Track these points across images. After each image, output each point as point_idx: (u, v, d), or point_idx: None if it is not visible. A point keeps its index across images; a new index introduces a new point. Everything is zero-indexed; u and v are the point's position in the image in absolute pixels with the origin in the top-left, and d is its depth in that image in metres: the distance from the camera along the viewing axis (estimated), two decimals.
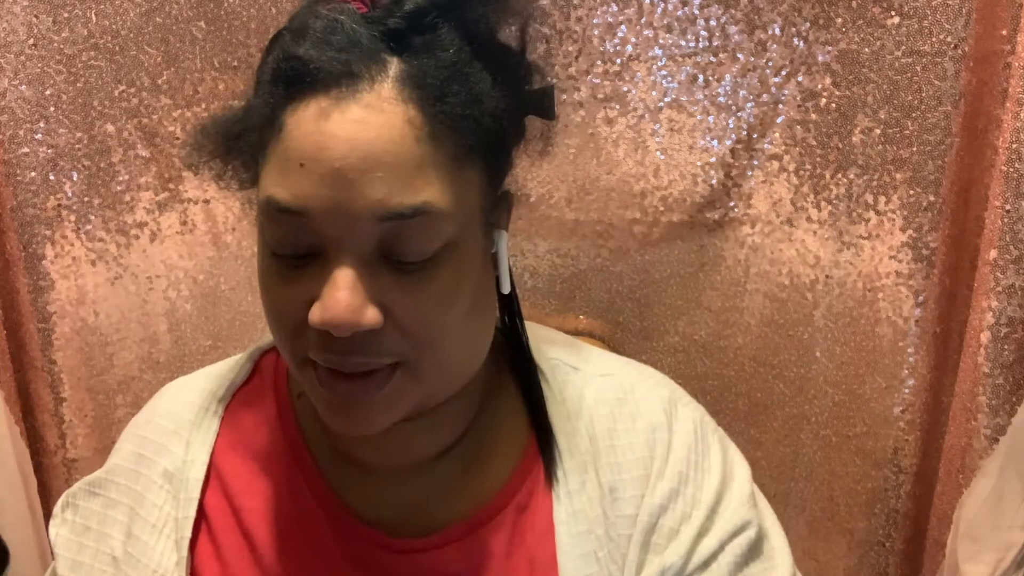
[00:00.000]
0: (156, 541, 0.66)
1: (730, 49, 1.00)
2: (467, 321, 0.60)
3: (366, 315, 0.55)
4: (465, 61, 0.56)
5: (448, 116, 0.55)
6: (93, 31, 1.01)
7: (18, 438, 1.03)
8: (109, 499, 0.69)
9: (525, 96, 0.63)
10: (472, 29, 0.57)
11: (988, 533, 0.94)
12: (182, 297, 1.08)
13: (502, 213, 0.63)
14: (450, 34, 0.56)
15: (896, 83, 0.98)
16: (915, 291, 1.01)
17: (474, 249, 0.59)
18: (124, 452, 0.71)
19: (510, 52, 0.61)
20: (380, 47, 0.55)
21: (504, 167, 0.62)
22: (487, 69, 0.57)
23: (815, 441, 1.07)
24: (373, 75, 0.54)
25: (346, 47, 0.54)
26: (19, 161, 1.01)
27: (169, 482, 0.68)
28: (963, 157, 0.98)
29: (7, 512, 1.00)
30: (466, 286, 0.59)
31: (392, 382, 0.58)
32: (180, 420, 0.70)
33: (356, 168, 0.53)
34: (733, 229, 1.05)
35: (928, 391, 1.03)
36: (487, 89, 0.57)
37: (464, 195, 0.57)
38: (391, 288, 0.56)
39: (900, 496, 1.05)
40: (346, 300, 0.54)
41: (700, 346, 1.07)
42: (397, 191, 0.53)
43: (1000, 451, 0.94)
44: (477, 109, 0.56)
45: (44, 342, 1.05)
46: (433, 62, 0.55)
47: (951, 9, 0.95)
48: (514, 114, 0.61)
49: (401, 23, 0.55)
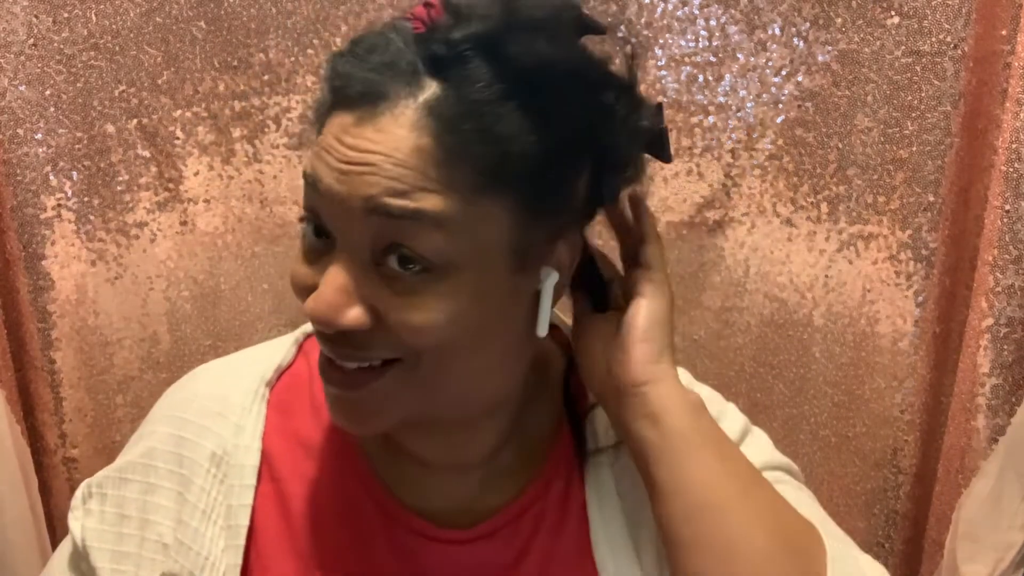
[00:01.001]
0: (206, 528, 0.65)
1: (730, 49, 1.00)
2: (476, 350, 0.60)
3: (348, 315, 0.56)
4: (493, 100, 0.54)
5: (463, 150, 0.54)
6: (93, 31, 1.00)
7: (19, 437, 1.03)
8: (149, 484, 0.67)
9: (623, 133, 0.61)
10: (513, 65, 0.54)
11: (987, 533, 0.94)
12: (182, 297, 1.08)
13: (559, 254, 0.61)
14: (480, 69, 0.54)
15: (896, 83, 0.98)
16: (915, 291, 1.01)
17: (491, 282, 0.58)
18: (160, 435, 0.69)
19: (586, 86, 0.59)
20: (419, 69, 0.55)
21: (559, 207, 0.59)
22: (524, 108, 0.55)
23: (814, 441, 1.07)
24: (400, 98, 0.54)
25: (380, 67, 0.55)
26: (19, 161, 1.01)
27: (217, 466, 0.67)
28: (963, 157, 0.98)
29: (7, 512, 1.00)
30: (471, 313, 0.57)
31: (383, 380, 0.59)
32: (228, 402, 0.68)
33: (356, 167, 0.55)
34: (733, 229, 1.05)
35: (927, 391, 1.03)
36: (517, 130, 0.55)
37: (476, 225, 0.56)
38: (383, 294, 0.56)
39: (899, 497, 1.05)
40: (330, 298, 0.56)
41: (700, 346, 1.07)
42: (391, 192, 0.54)
43: (999, 451, 0.94)
44: (499, 148, 0.55)
45: (44, 342, 1.05)
46: (456, 96, 0.54)
47: (951, 9, 0.95)
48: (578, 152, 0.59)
49: (442, 48, 0.55)
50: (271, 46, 1.02)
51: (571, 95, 0.57)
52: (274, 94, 1.03)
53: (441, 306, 0.56)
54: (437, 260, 0.55)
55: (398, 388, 0.59)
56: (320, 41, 1.02)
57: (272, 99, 1.03)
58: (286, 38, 1.01)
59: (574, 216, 0.61)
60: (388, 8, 1.01)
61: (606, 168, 0.61)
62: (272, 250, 1.07)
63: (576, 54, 0.59)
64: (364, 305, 0.56)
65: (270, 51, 1.02)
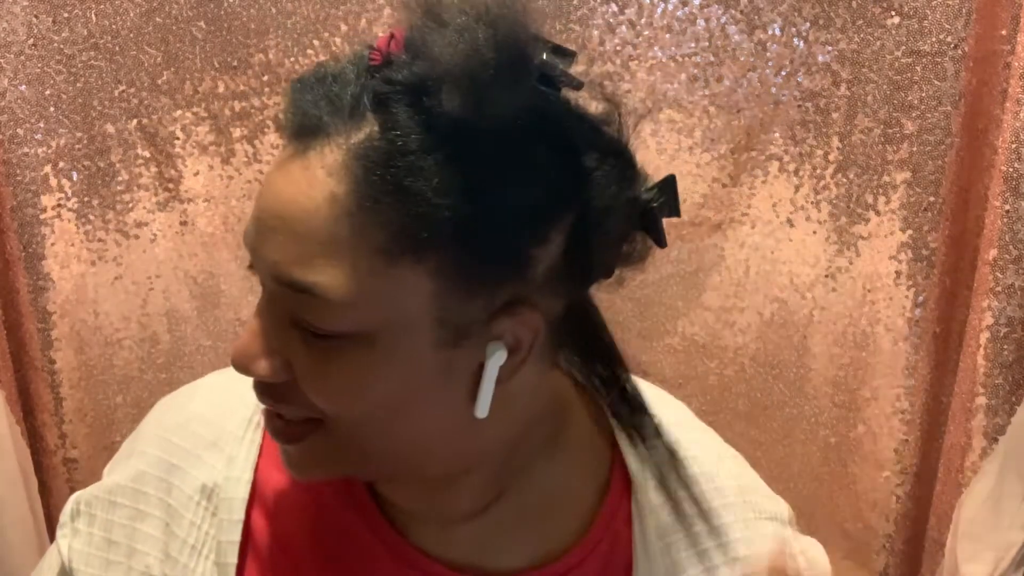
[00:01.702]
0: (196, 563, 0.62)
1: (730, 49, 1.00)
2: (399, 422, 0.55)
3: (259, 365, 0.54)
4: (413, 150, 0.49)
5: (376, 205, 0.50)
6: (93, 31, 1.00)
7: (19, 438, 1.03)
8: (138, 511, 0.64)
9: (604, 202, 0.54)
10: (440, 114, 0.49)
11: (987, 533, 0.94)
12: (182, 297, 1.08)
13: (511, 330, 0.54)
14: (406, 114, 0.50)
15: (896, 83, 0.98)
16: (915, 291, 1.01)
17: (412, 355, 0.53)
18: (150, 458, 0.65)
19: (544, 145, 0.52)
20: (362, 105, 0.51)
21: (503, 278, 0.53)
22: (451, 164, 0.50)
23: (814, 441, 1.07)
24: (334, 135, 0.51)
25: (323, 100, 0.51)
26: (19, 161, 1.01)
27: (207, 499, 0.63)
28: (963, 157, 0.98)
29: (7, 512, 1.00)
30: (387, 386, 0.53)
31: (308, 439, 0.56)
32: (221, 431, 0.65)
33: (268, 223, 0.52)
34: (733, 229, 1.05)
35: (928, 391, 1.03)
36: (437, 188, 0.49)
37: (388, 294, 0.51)
38: (297, 351, 0.53)
39: (900, 496, 1.05)
40: (243, 347, 0.54)
41: (700, 346, 1.07)
42: (292, 260, 0.51)
43: (999, 451, 0.94)
44: (415, 207, 0.49)
45: (44, 342, 1.05)
46: (381, 141, 0.50)
47: (951, 9, 0.95)
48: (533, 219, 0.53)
49: (383, 87, 0.50)
50: (271, 46, 1.02)
51: (517, 153, 0.51)
52: (274, 94, 1.03)
53: (353, 375, 0.53)
54: (342, 331, 0.52)
55: (325, 449, 0.57)
56: (320, 41, 1.02)
57: (272, 99, 1.03)
58: (286, 38, 1.01)
59: (535, 286, 0.54)
60: (387, 7, 1.01)
61: (586, 239, 0.54)
62: None
63: (529, 108, 0.51)
64: (278, 358, 0.54)
65: (270, 51, 1.02)
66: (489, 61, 0.49)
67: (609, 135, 0.55)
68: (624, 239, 0.57)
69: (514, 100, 0.50)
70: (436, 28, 0.50)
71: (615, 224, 0.55)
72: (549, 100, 0.53)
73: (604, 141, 0.55)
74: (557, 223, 0.53)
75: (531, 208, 0.52)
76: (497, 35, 0.50)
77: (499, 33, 0.50)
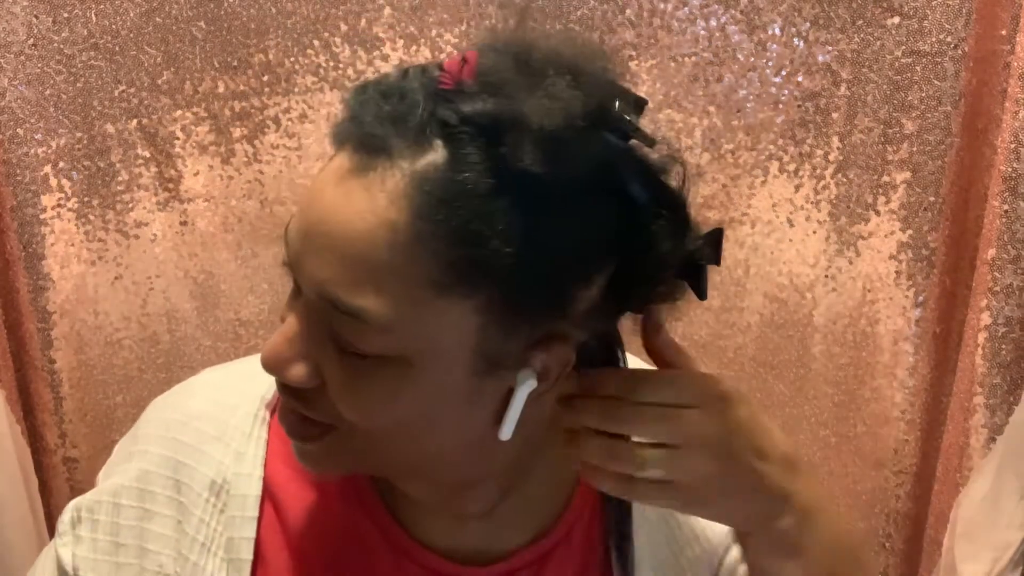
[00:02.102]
0: (206, 561, 0.63)
1: (730, 49, 1.00)
2: (420, 440, 0.56)
3: (291, 370, 0.54)
4: (480, 193, 0.49)
5: (432, 241, 0.50)
6: (93, 31, 1.00)
7: (19, 437, 1.03)
8: (145, 511, 0.64)
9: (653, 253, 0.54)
10: (510, 162, 0.49)
11: (985, 532, 0.95)
12: (182, 297, 1.08)
13: (543, 362, 0.54)
14: (476, 155, 0.49)
15: (896, 83, 0.98)
16: (915, 291, 1.02)
17: (446, 382, 0.54)
18: (154, 457, 0.65)
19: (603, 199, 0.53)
20: (429, 130, 0.50)
21: (545, 316, 0.53)
22: (514, 209, 0.49)
23: (814, 441, 1.08)
24: (399, 157, 0.50)
25: (390, 118, 0.50)
26: (19, 161, 1.01)
27: (216, 495, 0.64)
28: (963, 157, 0.98)
29: (7, 512, 1.00)
30: (417, 407, 0.54)
31: (324, 441, 0.57)
32: (225, 426, 0.65)
33: (318, 239, 0.52)
34: (733, 229, 1.05)
35: (928, 391, 1.03)
36: (498, 231, 0.49)
37: (431, 326, 0.51)
38: (331, 361, 0.54)
39: (900, 496, 1.05)
40: (277, 349, 0.54)
41: (700, 346, 1.07)
42: (340, 281, 0.51)
43: (997, 450, 0.94)
44: (472, 248, 0.49)
45: (44, 342, 1.05)
46: (447, 175, 0.49)
47: (951, 9, 0.95)
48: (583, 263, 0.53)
49: (452, 117, 0.50)
50: (271, 46, 1.02)
51: (581, 202, 0.52)
52: (274, 94, 1.03)
53: (384, 394, 0.53)
54: (383, 353, 0.52)
55: (338, 451, 0.57)
56: (320, 41, 1.02)
57: (272, 99, 1.03)
58: (286, 38, 1.01)
59: (572, 322, 0.54)
60: (387, 7, 1.01)
61: (629, 282, 0.55)
62: (272, 250, 1.07)
63: (599, 159, 0.51)
64: (311, 364, 0.54)
65: (270, 51, 1.02)
66: (573, 122, 0.49)
67: (670, 189, 0.55)
68: (662, 283, 0.57)
69: (589, 158, 0.50)
70: (521, 71, 0.50)
71: (660, 272, 0.55)
72: (618, 151, 0.53)
73: (664, 194, 0.55)
74: (604, 265, 0.54)
75: (584, 253, 0.53)
76: (584, 95, 0.50)
77: (585, 92, 0.50)
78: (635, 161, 0.54)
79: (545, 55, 0.51)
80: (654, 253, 0.54)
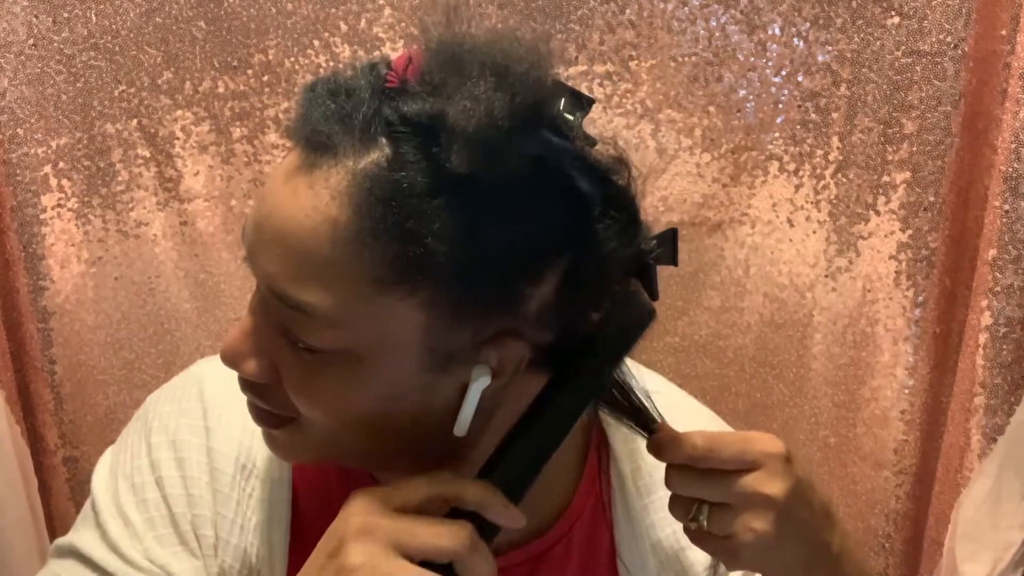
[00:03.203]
0: (239, 539, 0.64)
1: (730, 49, 1.00)
2: (377, 433, 0.57)
3: (247, 365, 0.56)
4: (417, 193, 0.50)
5: (374, 238, 0.51)
6: (93, 31, 1.00)
7: (18, 438, 1.03)
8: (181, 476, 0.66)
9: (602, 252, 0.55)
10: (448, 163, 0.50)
11: (986, 533, 0.95)
12: (182, 297, 1.08)
13: (497, 358, 0.55)
14: (414, 154, 0.50)
15: (896, 83, 0.98)
16: (915, 291, 1.01)
17: (397, 376, 0.54)
18: (174, 438, 0.67)
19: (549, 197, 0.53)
20: (374, 129, 0.51)
21: (494, 312, 0.54)
22: (454, 209, 0.50)
23: (814, 442, 1.08)
24: (343, 154, 0.51)
25: (336, 116, 0.52)
26: (19, 161, 1.01)
27: (245, 479, 0.65)
28: (963, 157, 0.98)
29: (7, 512, 1.00)
30: (369, 400, 0.55)
31: (284, 429, 0.58)
32: (246, 416, 0.66)
33: (267, 234, 0.53)
34: (733, 229, 1.05)
35: (928, 391, 1.03)
36: (438, 230, 0.50)
37: (377, 321, 0.52)
38: (285, 357, 0.55)
39: (900, 496, 1.05)
40: (233, 343, 0.56)
41: (700, 346, 1.07)
42: (287, 276, 0.52)
43: (998, 451, 0.94)
44: (412, 245, 0.50)
45: (44, 342, 1.05)
46: (388, 173, 0.50)
47: (951, 9, 0.95)
48: (530, 261, 0.53)
49: (394, 116, 0.51)
50: (271, 46, 1.02)
51: (521, 201, 0.52)
52: (274, 94, 1.03)
53: (336, 389, 0.54)
54: (330, 348, 0.53)
55: (303, 442, 0.58)
56: (320, 41, 1.02)
57: (272, 99, 1.03)
58: (286, 38, 1.01)
59: (526, 319, 0.55)
60: (387, 7, 1.01)
61: (581, 280, 0.55)
62: None
63: (538, 159, 0.52)
64: (266, 360, 0.56)
65: (270, 51, 1.02)
66: (502, 124, 0.49)
67: (617, 187, 0.56)
68: (618, 282, 0.57)
69: (523, 155, 0.51)
70: (455, 71, 0.50)
71: (611, 271, 0.56)
72: (559, 150, 0.53)
73: (611, 193, 0.55)
74: (553, 265, 0.54)
75: (529, 251, 0.53)
76: (515, 97, 0.50)
77: (517, 94, 0.50)
78: (578, 159, 0.54)
79: (480, 56, 0.51)
80: (603, 251, 0.54)
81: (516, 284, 0.54)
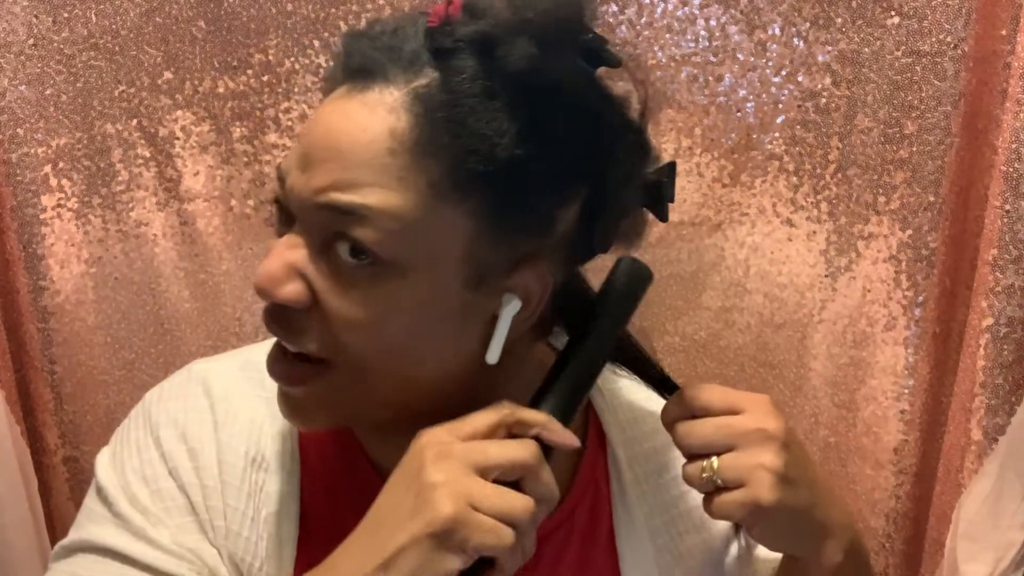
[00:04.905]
0: (249, 531, 0.64)
1: (730, 49, 1.01)
2: (407, 359, 0.58)
3: (286, 289, 0.56)
4: (476, 93, 0.54)
5: (435, 142, 0.53)
6: (93, 31, 1.01)
7: (18, 438, 1.03)
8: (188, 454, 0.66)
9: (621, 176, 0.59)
10: (502, 65, 0.54)
11: (987, 533, 0.95)
12: (182, 297, 1.08)
13: (526, 282, 0.58)
14: (469, 62, 0.54)
15: (896, 83, 0.98)
16: (915, 291, 1.01)
17: (439, 292, 0.56)
18: (182, 430, 0.66)
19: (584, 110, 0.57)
20: (421, 59, 0.55)
21: (531, 230, 0.57)
22: (509, 110, 0.54)
23: (814, 442, 1.08)
24: (393, 79, 0.54)
25: (384, 48, 0.55)
26: (19, 161, 1.01)
27: (256, 471, 0.66)
28: (963, 157, 0.98)
29: (7, 512, 1.00)
30: (409, 319, 0.56)
31: (313, 385, 0.59)
32: (253, 412, 0.67)
33: (318, 154, 0.55)
34: (733, 229, 1.05)
35: (928, 391, 1.03)
36: (494, 130, 0.54)
37: (432, 227, 0.55)
38: (325, 278, 0.56)
39: (900, 496, 1.05)
40: (272, 269, 0.56)
41: (700, 346, 1.07)
42: (341, 185, 0.54)
43: (999, 451, 0.94)
44: (471, 144, 0.54)
45: (44, 342, 1.05)
46: (443, 86, 0.54)
47: (951, 9, 0.95)
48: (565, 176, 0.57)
49: (446, 42, 0.54)
50: (271, 46, 1.02)
51: (564, 112, 0.56)
52: (274, 94, 1.03)
53: (379, 305, 0.56)
54: (383, 255, 0.55)
55: (327, 393, 0.59)
56: (320, 41, 1.02)
57: (272, 99, 1.03)
58: (286, 38, 1.01)
59: (551, 247, 0.58)
60: (388, 7, 1.01)
61: (599, 209, 0.59)
62: None
63: (575, 74, 0.57)
64: (304, 284, 0.56)
65: (270, 51, 1.02)
66: (548, 24, 0.54)
67: (630, 115, 0.60)
68: (628, 214, 0.61)
69: (564, 65, 0.56)
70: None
71: (626, 196, 0.60)
72: (588, 74, 0.58)
73: (626, 119, 0.60)
74: (580, 188, 0.58)
75: (564, 167, 0.56)
76: (558, 8, 0.55)
77: (559, 7, 0.55)
78: (602, 87, 0.59)
79: None
80: (620, 175, 0.58)
81: (550, 201, 0.57)
